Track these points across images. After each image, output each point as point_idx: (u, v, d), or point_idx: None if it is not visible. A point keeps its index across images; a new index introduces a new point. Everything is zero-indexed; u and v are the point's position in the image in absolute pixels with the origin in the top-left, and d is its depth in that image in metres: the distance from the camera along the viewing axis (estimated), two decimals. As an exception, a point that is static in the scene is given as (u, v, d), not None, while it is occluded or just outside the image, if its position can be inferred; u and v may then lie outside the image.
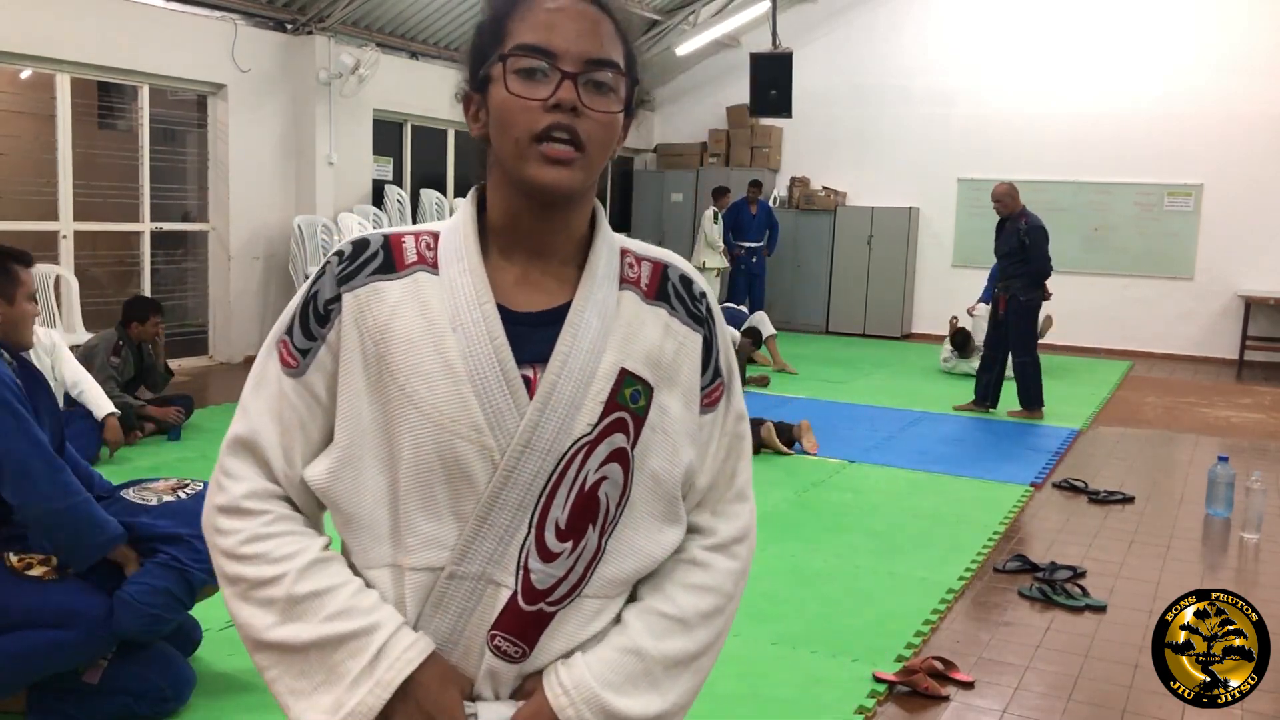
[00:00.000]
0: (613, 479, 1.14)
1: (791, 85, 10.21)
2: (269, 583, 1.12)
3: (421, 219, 10.26)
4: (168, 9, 7.95)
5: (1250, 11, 10.89)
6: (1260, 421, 7.85)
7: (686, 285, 1.22)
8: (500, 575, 1.12)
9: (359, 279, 1.14)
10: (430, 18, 9.85)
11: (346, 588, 1.12)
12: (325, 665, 1.10)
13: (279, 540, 1.13)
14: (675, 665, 1.18)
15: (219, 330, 8.79)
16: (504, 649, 1.13)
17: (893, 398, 8.08)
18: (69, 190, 7.54)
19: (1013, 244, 7.31)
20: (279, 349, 1.16)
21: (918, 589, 4.01)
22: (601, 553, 1.15)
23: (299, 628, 1.11)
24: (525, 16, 1.12)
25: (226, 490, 1.16)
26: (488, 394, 1.10)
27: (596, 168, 1.13)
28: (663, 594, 1.20)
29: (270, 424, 1.15)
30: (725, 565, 1.23)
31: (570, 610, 1.15)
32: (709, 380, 1.22)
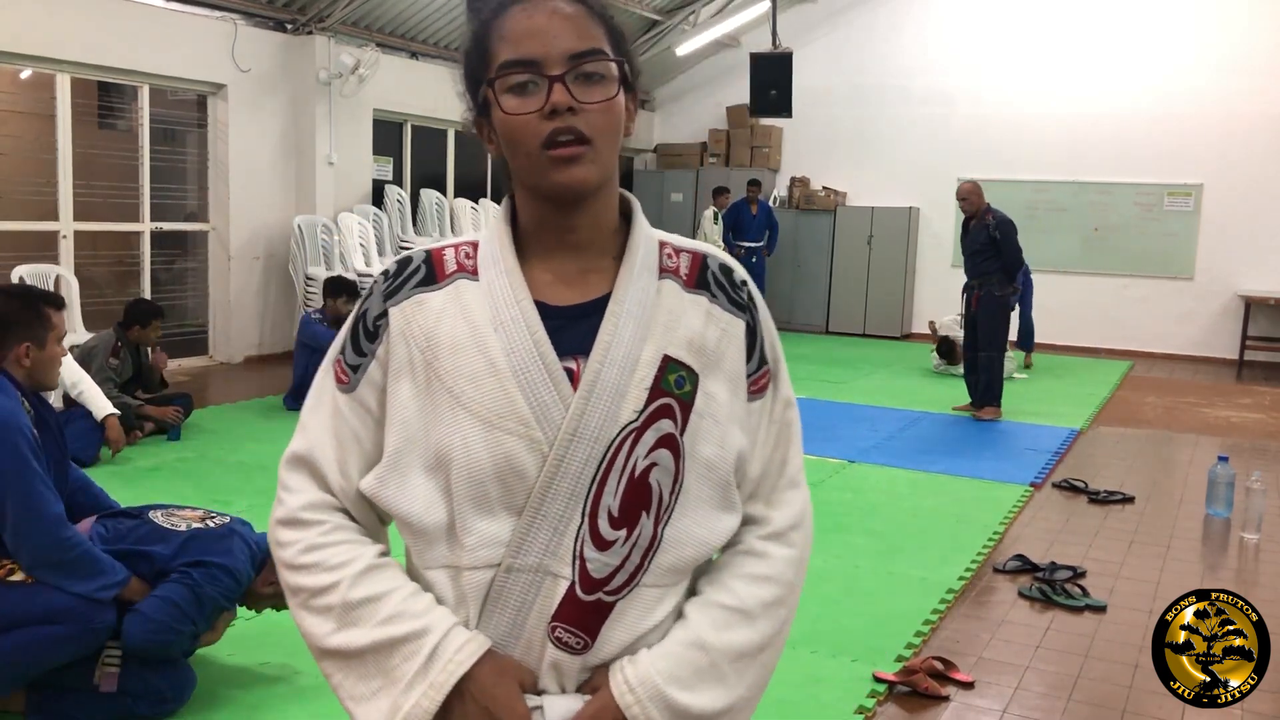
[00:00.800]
0: (663, 465, 1.14)
1: (791, 85, 10.21)
2: (325, 590, 1.15)
3: (421, 219, 10.27)
4: (168, 9, 7.95)
5: (1250, 11, 10.89)
6: (1260, 421, 7.85)
7: (727, 273, 1.23)
8: (557, 566, 1.13)
9: (403, 293, 1.19)
10: (430, 18, 9.85)
11: (399, 592, 1.15)
12: (382, 670, 1.13)
13: (334, 549, 1.17)
14: (740, 658, 1.18)
15: (219, 330, 8.79)
16: (565, 640, 1.13)
17: (893, 398, 8.08)
18: (69, 190, 7.54)
19: (982, 240, 7.31)
20: (334, 368, 1.21)
21: (918, 589, 4.01)
22: (658, 541, 1.15)
23: (355, 633, 1.13)
24: (501, 33, 1.13)
25: (285, 504, 1.21)
26: (532, 388, 1.12)
27: (609, 156, 1.15)
28: (723, 586, 1.20)
29: (326, 439, 1.20)
30: (783, 553, 1.23)
31: (630, 600, 1.15)
32: (755, 367, 1.22)
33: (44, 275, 7.14)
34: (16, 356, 2.76)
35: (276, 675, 3.10)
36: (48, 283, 7.13)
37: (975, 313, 7.44)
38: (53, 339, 2.86)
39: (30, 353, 2.79)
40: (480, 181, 11.56)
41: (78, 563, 2.63)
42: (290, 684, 3.06)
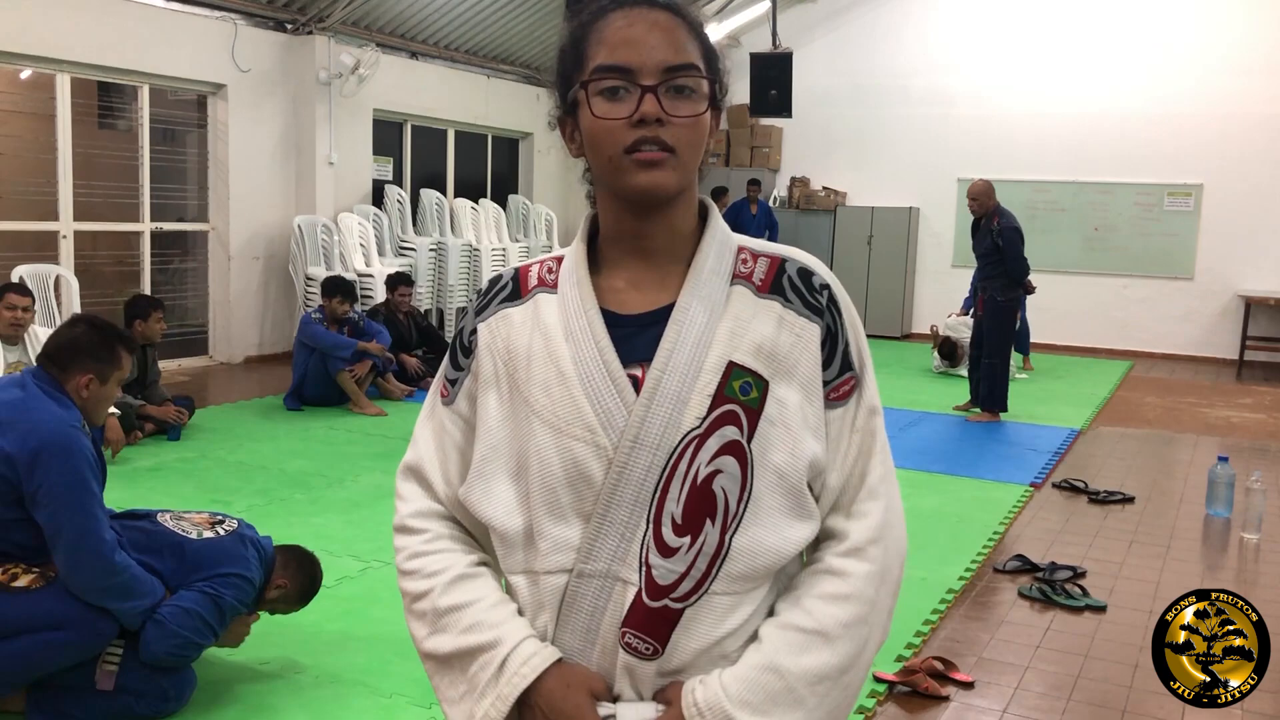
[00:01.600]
0: (728, 472, 1.14)
1: (791, 85, 10.21)
2: (422, 596, 1.22)
3: (421, 219, 10.26)
4: (168, 9, 7.95)
5: (1250, 11, 10.89)
6: (1260, 421, 7.85)
7: (805, 277, 1.21)
8: (625, 572, 1.14)
9: (491, 309, 1.25)
10: (430, 18, 9.85)
11: (484, 601, 1.20)
12: (465, 676, 1.18)
13: (433, 557, 1.24)
14: (819, 681, 1.15)
15: (219, 330, 8.79)
16: (635, 646, 1.14)
17: (893, 398, 8.07)
18: (69, 190, 7.54)
19: (987, 244, 7.21)
20: (440, 383, 1.30)
21: (918, 589, 4.01)
22: (726, 549, 1.14)
23: (443, 639, 1.20)
24: (600, 37, 1.15)
25: (398, 512, 1.29)
26: (596, 395, 1.15)
27: (691, 167, 1.16)
28: (799, 607, 1.17)
29: (431, 450, 1.28)
30: (862, 570, 1.18)
31: (700, 608, 1.14)
32: (836, 373, 1.20)
33: (44, 275, 7.14)
34: (78, 385, 2.78)
35: (277, 674, 3.11)
36: (48, 283, 7.13)
37: (980, 317, 7.41)
38: (115, 379, 2.88)
39: (91, 385, 2.80)
40: (480, 182, 11.56)
41: (124, 586, 2.68)
42: (290, 682, 3.06)
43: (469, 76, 10.73)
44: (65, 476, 2.59)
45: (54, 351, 2.80)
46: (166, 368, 8.22)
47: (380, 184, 10.00)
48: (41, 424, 2.62)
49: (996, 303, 7.24)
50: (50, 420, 2.64)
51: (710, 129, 1.18)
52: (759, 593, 1.18)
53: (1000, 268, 7.17)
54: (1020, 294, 7.35)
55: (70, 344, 2.81)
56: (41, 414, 2.64)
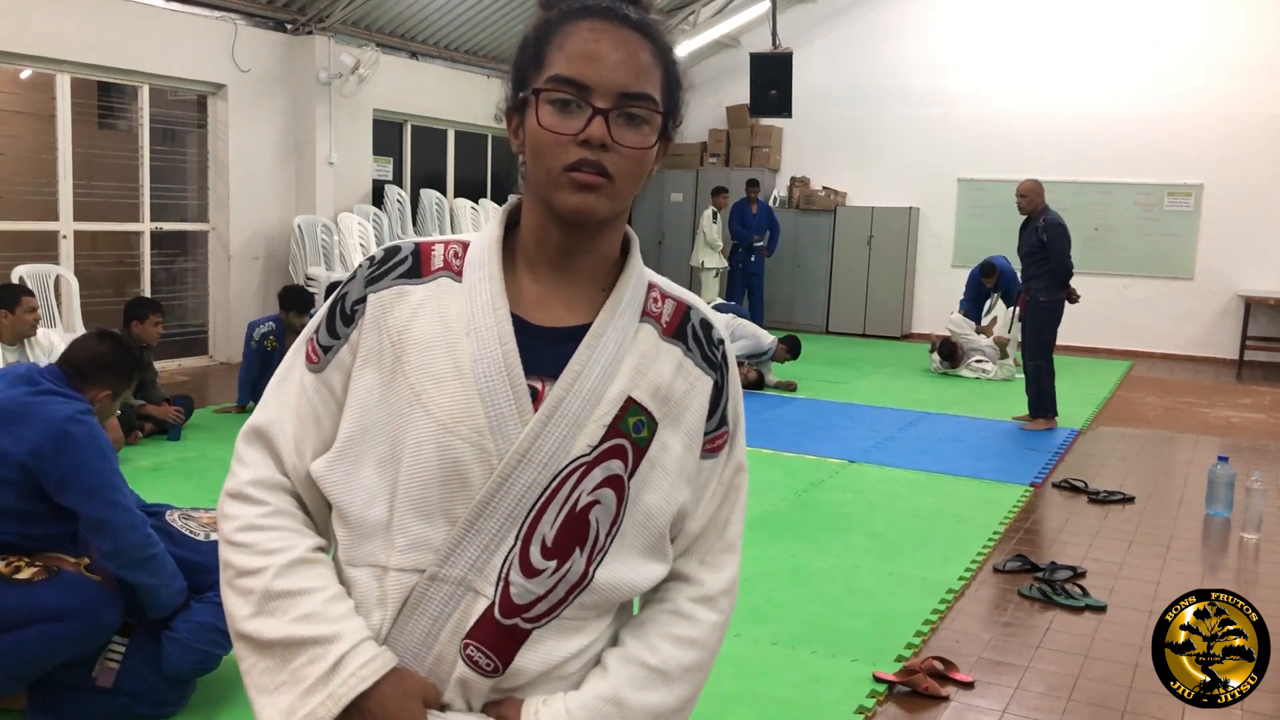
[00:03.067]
0: (605, 504, 1.14)
1: (791, 85, 10.21)
2: (251, 574, 1.14)
3: (421, 219, 10.27)
4: (168, 9, 7.95)
5: (1250, 11, 10.89)
6: (1260, 421, 7.85)
7: (706, 329, 1.23)
8: (480, 584, 1.12)
9: (385, 281, 1.18)
10: (430, 18, 9.85)
11: (322, 593, 1.13)
12: (288, 666, 1.11)
13: (271, 534, 1.15)
14: (654, 718, 1.18)
15: (219, 330, 8.79)
16: (476, 660, 1.12)
17: (893, 398, 8.07)
18: (69, 190, 7.54)
19: (1032, 243, 7.05)
20: (306, 346, 1.20)
21: (918, 589, 4.01)
22: (589, 579, 1.14)
23: (269, 623, 1.12)
24: (565, 43, 1.12)
25: (236, 476, 1.19)
26: (492, 398, 1.12)
27: (625, 196, 1.15)
28: (647, 644, 1.19)
29: (287, 416, 1.19)
30: (710, 619, 1.22)
31: (548, 629, 1.14)
32: (714, 426, 1.21)
33: (44, 275, 7.14)
34: (94, 397, 2.84)
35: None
36: (48, 283, 7.13)
37: (1023, 318, 7.27)
38: (122, 398, 3.01)
39: (104, 400, 2.89)
40: (480, 182, 11.56)
41: (160, 560, 2.71)
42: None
43: (469, 76, 10.73)
44: (92, 458, 2.63)
45: (81, 362, 2.88)
46: (166, 368, 8.23)
47: (380, 184, 10.00)
48: (59, 412, 2.68)
49: (1039, 303, 7.10)
50: (67, 409, 2.70)
51: (655, 159, 1.17)
52: (604, 621, 1.19)
53: (1044, 267, 7.01)
54: (1063, 296, 7.13)
55: (98, 358, 2.91)
56: (55, 406, 2.71)
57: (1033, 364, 7.21)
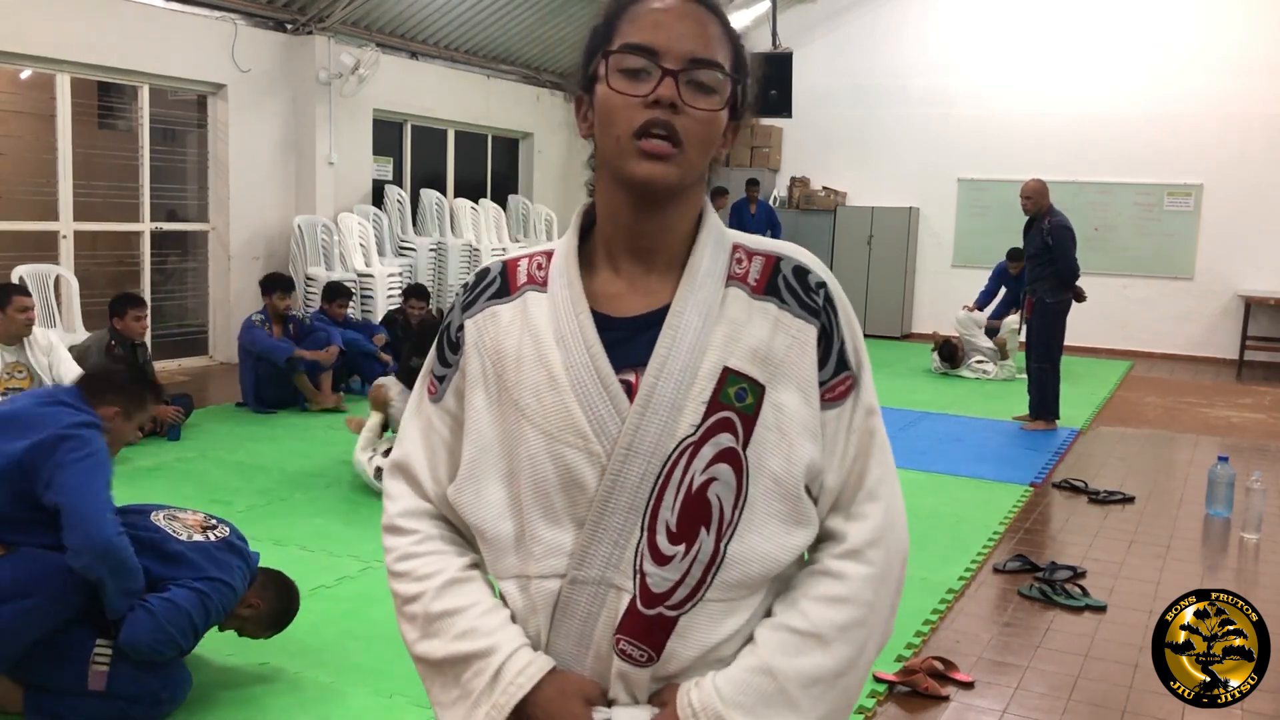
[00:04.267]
0: (723, 480, 1.12)
1: (791, 85, 10.21)
2: (413, 599, 1.21)
3: (421, 219, 10.27)
4: (168, 9, 7.95)
5: (1250, 11, 10.89)
6: (1260, 421, 7.85)
7: (800, 276, 1.19)
8: (619, 579, 1.13)
9: (478, 305, 1.22)
10: (430, 18, 9.85)
11: (477, 607, 1.18)
12: (457, 682, 1.17)
13: (424, 559, 1.22)
14: (814, 683, 1.14)
15: (219, 330, 8.78)
16: (629, 653, 1.13)
17: (893, 398, 8.07)
18: (69, 190, 7.54)
19: (1038, 244, 7.00)
20: (427, 379, 1.27)
21: (918, 589, 4.00)
22: (721, 557, 1.13)
23: (434, 644, 1.19)
24: (634, 17, 1.14)
25: (387, 510, 1.27)
26: (589, 401, 1.13)
27: (696, 165, 1.14)
28: (795, 608, 1.16)
29: (419, 448, 1.26)
30: (860, 572, 1.17)
31: (695, 614, 1.13)
32: (831, 373, 1.18)
33: (44, 275, 7.14)
34: (105, 414, 2.90)
35: (273, 676, 3.10)
36: (48, 283, 7.13)
37: (1030, 320, 7.21)
38: (137, 420, 3.10)
39: (115, 419, 2.96)
40: (480, 182, 11.56)
41: (122, 562, 2.69)
42: (290, 682, 3.06)
43: (469, 76, 10.73)
44: (84, 459, 2.69)
45: (91, 380, 3.04)
46: (166, 368, 8.23)
47: (380, 184, 10.00)
48: (66, 419, 2.76)
49: (1045, 305, 7.04)
50: (75, 417, 2.78)
51: (725, 135, 1.17)
52: (755, 598, 1.17)
53: (1050, 268, 6.95)
54: (1069, 297, 7.10)
55: (105, 376, 3.11)
56: (64, 414, 2.79)
57: (1037, 366, 7.15)
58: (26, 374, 5.30)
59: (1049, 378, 7.13)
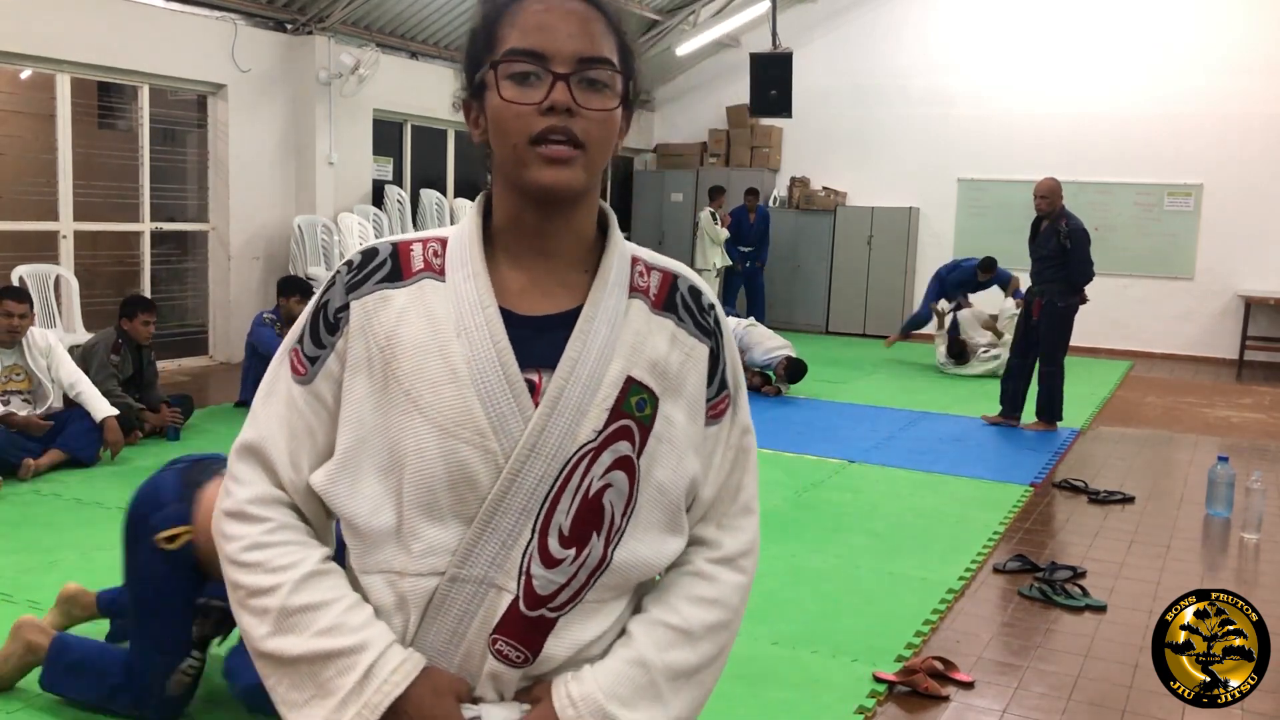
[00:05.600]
0: (617, 487, 1.14)
1: (791, 85, 10.22)
2: (265, 592, 1.13)
3: (421, 219, 10.26)
4: (168, 9, 7.95)
5: (1250, 11, 10.89)
6: (1260, 421, 7.85)
7: (695, 296, 1.22)
8: (502, 580, 1.12)
9: (366, 287, 1.16)
10: (430, 18, 9.85)
11: (340, 603, 1.13)
12: (316, 681, 1.11)
13: (278, 549, 1.14)
14: (678, 677, 1.18)
15: (219, 330, 8.79)
16: (506, 653, 1.13)
17: (893, 398, 8.07)
18: (69, 190, 7.54)
19: (1052, 246, 6.86)
20: (290, 357, 1.18)
21: (918, 589, 4.01)
22: (607, 562, 1.15)
23: (290, 640, 1.11)
24: (514, 20, 1.12)
25: (233, 495, 1.17)
26: (491, 398, 1.11)
27: (598, 166, 1.14)
28: (668, 606, 1.20)
29: (278, 430, 1.17)
30: (730, 579, 1.23)
31: (571, 615, 1.15)
32: (715, 392, 1.22)
33: (44, 275, 7.14)
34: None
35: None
36: (48, 283, 7.13)
37: (1036, 322, 7.07)
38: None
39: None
40: (480, 182, 11.51)
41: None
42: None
43: (469, 76, 10.71)
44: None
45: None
46: (166, 368, 8.22)
47: (380, 184, 10.00)
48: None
49: (1056, 308, 6.92)
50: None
51: (621, 129, 1.16)
52: (624, 599, 1.20)
53: (1063, 271, 6.85)
54: (1078, 301, 7.01)
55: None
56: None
57: (1046, 369, 7.09)
58: (25, 376, 5.30)
59: (1057, 381, 7.10)
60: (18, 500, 4.73)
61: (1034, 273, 7.17)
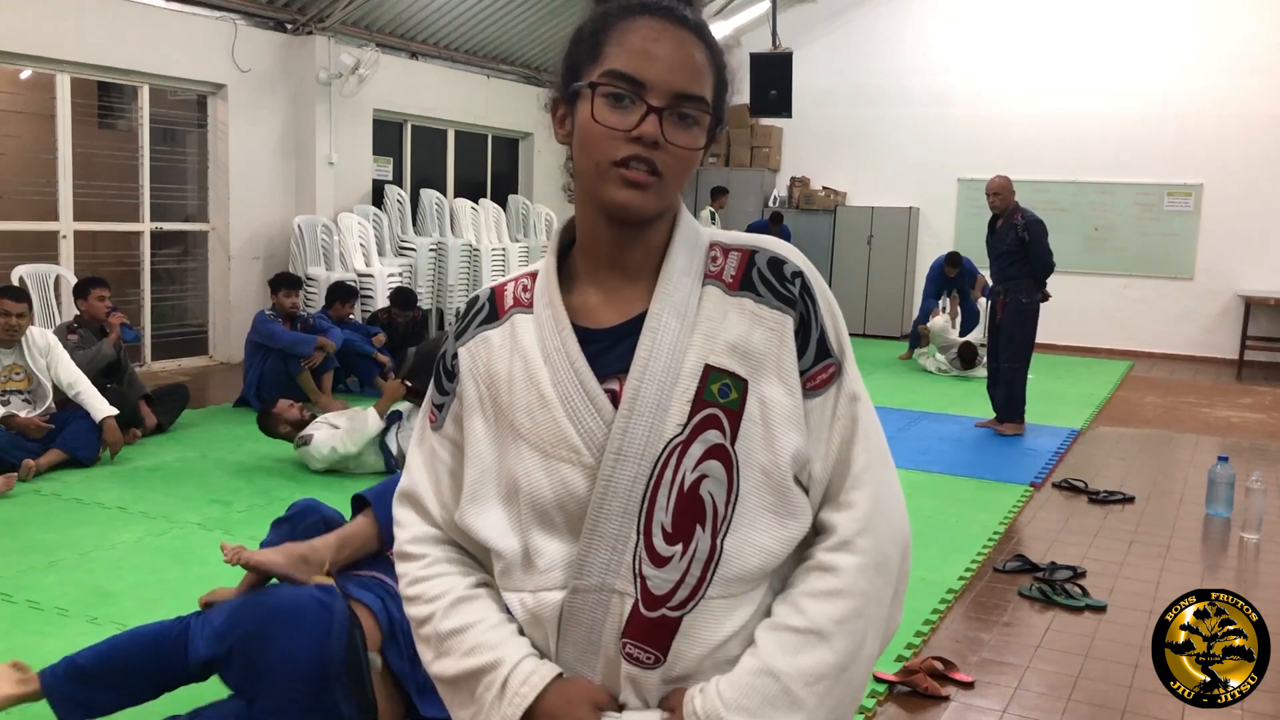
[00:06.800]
0: (714, 476, 1.13)
1: (791, 85, 10.21)
2: (425, 621, 1.24)
3: (421, 219, 10.26)
4: (168, 9, 7.95)
5: (1250, 11, 10.89)
6: (1260, 421, 7.85)
7: (775, 268, 1.19)
8: (619, 584, 1.14)
9: (470, 332, 1.26)
10: (430, 18, 9.85)
11: (484, 624, 1.21)
12: (472, 697, 1.19)
13: (432, 581, 1.25)
14: (817, 680, 1.13)
15: (219, 330, 8.79)
16: (636, 656, 1.14)
17: (893, 398, 8.07)
18: (69, 190, 7.54)
19: (1010, 241, 6.74)
20: (428, 409, 1.30)
21: (918, 589, 4.00)
22: (719, 553, 1.14)
23: (447, 663, 1.21)
24: (623, 39, 1.13)
25: (397, 539, 1.30)
26: (577, 414, 1.15)
27: (672, 193, 1.16)
28: (792, 606, 1.16)
29: (425, 475, 1.29)
30: (851, 563, 1.16)
31: (697, 614, 1.14)
32: (812, 361, 1.17)
33: (44, 275, 7.14)
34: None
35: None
36: (48, 283, 7.13)
37: (1000, 320, 7.00)
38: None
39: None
40: (480, 182, 11.55)
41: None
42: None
43: (469, 76, 10.72)
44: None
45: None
46: (166, 368, 8.24)
47: (380, 184, 10.00)
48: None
49: (1021, 304, 6.82)
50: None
51: (701, 158, 1.18)
52: (756, 593, 1.17)
53: (1025, 267, 6.73)
54: (1041, 297, 6.90)
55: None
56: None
57: (1009, 366, 6.91)
58: (24, 375, 5.30)
59: (1020, 380, 6.94)
60: (18, 500, 4.73)
61: (995, 271, 7.09)
